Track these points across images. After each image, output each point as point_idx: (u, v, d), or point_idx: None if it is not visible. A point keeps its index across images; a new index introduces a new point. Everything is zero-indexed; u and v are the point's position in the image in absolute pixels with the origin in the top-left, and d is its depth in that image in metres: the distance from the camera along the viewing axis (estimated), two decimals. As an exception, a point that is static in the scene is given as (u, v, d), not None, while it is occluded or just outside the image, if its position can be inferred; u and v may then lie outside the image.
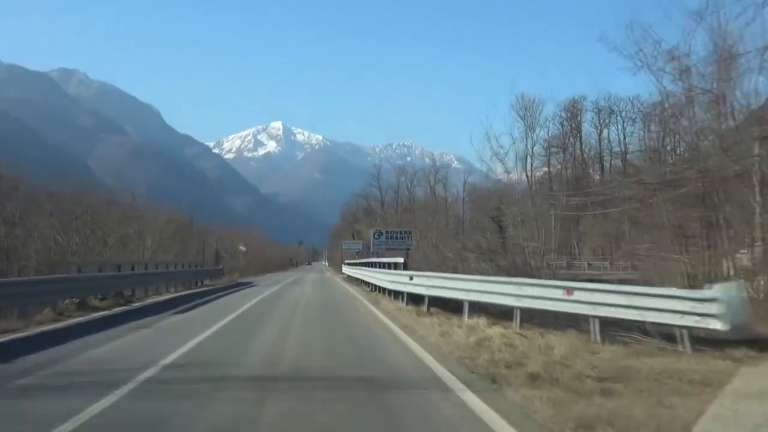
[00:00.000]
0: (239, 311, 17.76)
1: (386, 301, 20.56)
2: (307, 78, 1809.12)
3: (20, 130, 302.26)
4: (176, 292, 27.77)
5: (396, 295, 20.26)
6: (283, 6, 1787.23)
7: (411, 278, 17.13)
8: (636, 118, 78.35)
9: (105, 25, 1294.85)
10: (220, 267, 46.64)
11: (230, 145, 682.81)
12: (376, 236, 36.52)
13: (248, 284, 39.21)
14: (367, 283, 31.79)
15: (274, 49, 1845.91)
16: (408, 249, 36.14)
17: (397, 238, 36.31)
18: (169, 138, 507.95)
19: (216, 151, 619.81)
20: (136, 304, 20.03)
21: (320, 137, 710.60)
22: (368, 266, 33.33)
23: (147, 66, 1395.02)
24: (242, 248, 65.31)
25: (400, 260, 20.92)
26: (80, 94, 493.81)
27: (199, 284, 35.16)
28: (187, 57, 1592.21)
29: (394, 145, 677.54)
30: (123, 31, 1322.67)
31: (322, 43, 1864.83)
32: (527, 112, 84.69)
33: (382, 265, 26.90)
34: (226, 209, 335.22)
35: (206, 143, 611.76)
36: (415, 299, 17.37)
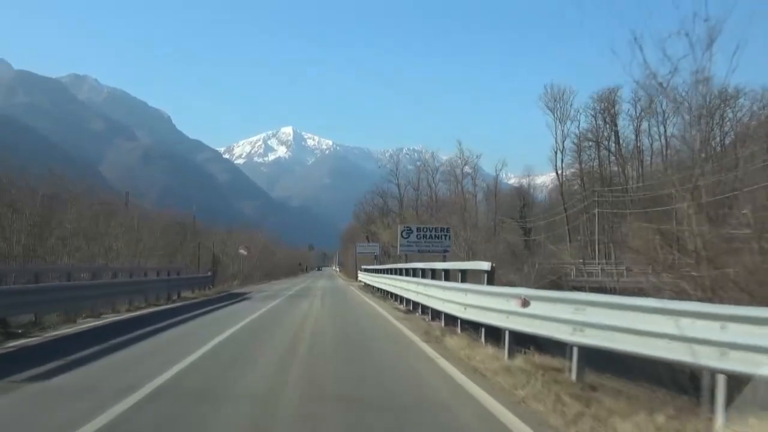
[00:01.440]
0: (181, 365, 9.20)
1: (455, 341, 11.72)
2: (318, 83, 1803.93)
3: (31, 135, 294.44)
4: (129, 311, 19.47)
5: (458, 323, 12.77)
6: (293, 12, 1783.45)
7: (525, 304, 8.33)
8: (679, 108, 70.22)
9: (116, 30, 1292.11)
10: (209, 274, 38.29)
11: (240, 150, 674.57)
12: (404, 234, 28.26)
13: (242, 296, 31.05)
14: (396, 298, 23.35)
15: (285, 55, 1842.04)
16: (446, 252, 27.75)
17: (431, 237, 28.03)
18: (179, 143, 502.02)
19: (226, 156, 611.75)
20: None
21: (330, 142, 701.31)
22: (396, 274, 24.73)
23: (157, 71, 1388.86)
24: (243, 252, 57.03)
25: (483, 265, 11.97)
26: (91, 99, 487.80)
27: (177, 296, 26.86)
28: (197, 62, 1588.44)
29: (404, 150, 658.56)
30: (133, 37, 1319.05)
31: (333, 49, 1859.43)
32: (557, 103, 76.21)
33: (422, 273, 18.38)
34: (235, 214, 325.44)
35: (217, 149, 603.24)
36: (520, 339, 8.97)
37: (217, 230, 76.42)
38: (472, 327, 11.85)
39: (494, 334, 10.25)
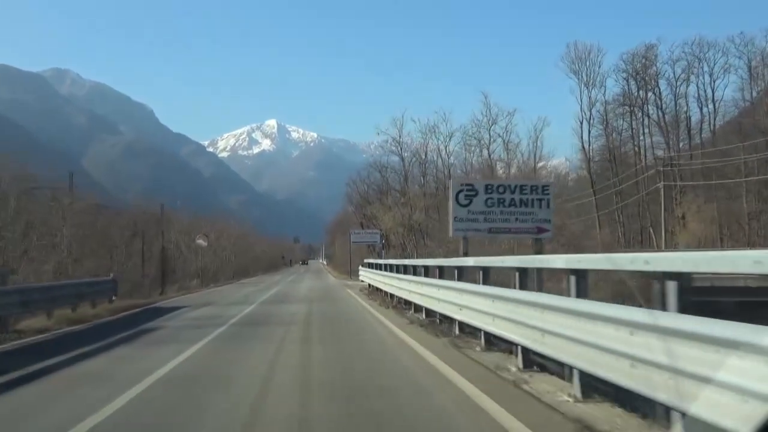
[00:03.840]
0: None
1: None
2: (302, 76, 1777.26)
3: (13, 130, 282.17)
4: None
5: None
6: (276, 4, 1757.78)
7: None
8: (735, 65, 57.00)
9: (97, 24, 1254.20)
10: (109, 279, 22.93)
11: (225, 143, 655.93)
12: (462, 200, 14.97)
13: (160, 314, 17.27)
14: (474, 333, 9.47)
15: (268, 47, 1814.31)
16: (542, 232, 14.29)
17: (514, 203, 14.59)
18: (163, 137, 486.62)
19: (210, 149, 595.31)
20: None
21: (315, 135, 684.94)
22: (456, 278, 10.92)
23: (140, 65, 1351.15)
24: (201, 242, 43.15)
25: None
26: (73, 93, 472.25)
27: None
28: (180, 56, 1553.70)
29: (389, 142, 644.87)
30: (115, 31, 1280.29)
31: (316, 41, 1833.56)
32: (582, 65, 62.63)
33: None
34: (221, 207, 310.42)
35: (200, 142, 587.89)
36: None
37: (180, 219, 62.17)
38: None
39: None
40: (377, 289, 25.12)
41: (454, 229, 16.35)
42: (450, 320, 11.89)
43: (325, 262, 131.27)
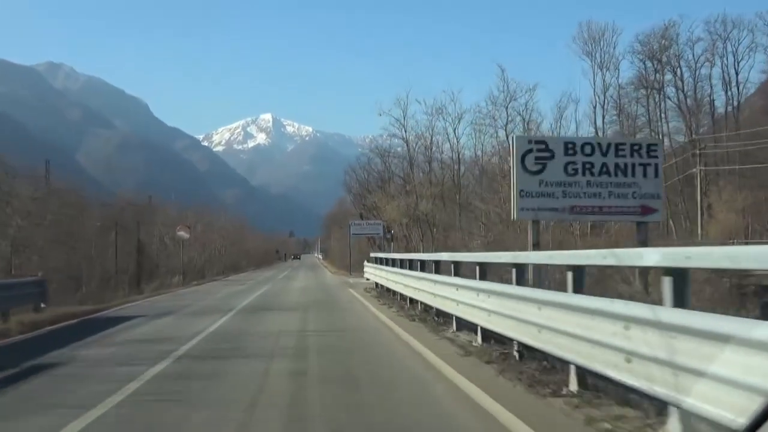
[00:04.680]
0: None
1: None
2: (297, 69, 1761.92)
3: (7, 124, 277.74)
4: None
5: None
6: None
7: None
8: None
9: (92, 18, 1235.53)
10: (32, 280, 17.21)
11: (220, 137, 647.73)
12: (531, 164, 9.68)
13: (87, 334, 12.10)
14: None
15: (263, 41, 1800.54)
16: (651, 214, 8.98)
17: (607, 170, 9.17)
18: (157, 131, 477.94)
19: (205, 143, 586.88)
20: None
21: (310, 129, 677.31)
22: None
23: (134, 59, 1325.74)
24: (183, 234, 37.63)
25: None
26: (68, 87, 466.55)
27: None
28: (174, 49, 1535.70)
29: (384, 136, 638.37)
30: (109, 24, 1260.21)
31: (311, 35, 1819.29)
32: (595, 45, 57.80)
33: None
34: (217, 202, 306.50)
35: (195, 136, 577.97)
36: None
37: (168, 211, 56.96)
38: None
39: None
40: (387, 290, 19.84)
41: (520, 209, 11.01)
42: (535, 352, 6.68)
43: (320, 257, 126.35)
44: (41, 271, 19.26)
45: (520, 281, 7.68)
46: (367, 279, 25.47)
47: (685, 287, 4.46)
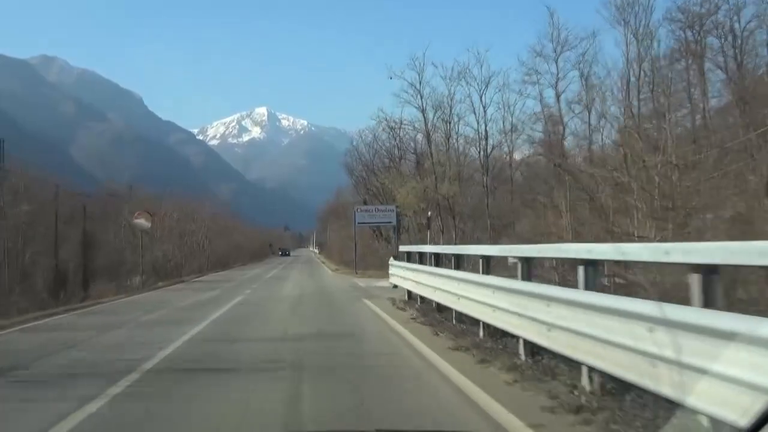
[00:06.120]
0: None
1: None
2: (291, 63, 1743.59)
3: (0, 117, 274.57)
4: None
5: None
6: None
7: None
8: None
9: (85, 11, 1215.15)
10: None
11: (214, 131, 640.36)
12: None
13: None
14: None
15: (257, 34, 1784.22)
16: None
17: None
18: (152, 125, 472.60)
19: (200, 137, 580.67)
20: None
21: (305, 122, 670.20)
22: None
23: (128, 52, 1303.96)
24: (141, 222, 29.15)
25: None
26: (61, 81, 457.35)
27: None
28: (168, 42, 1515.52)
29: (380, 129, 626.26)
30: (103, 17, 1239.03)
31: (305, 29, 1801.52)
32: (630, 12, 49.77)
33: None
34: (211, 196, 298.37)
35: (190, 130, 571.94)
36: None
37: (142, 200, 48.56)
38: None
39: None
40: (437, 307, 11.74)
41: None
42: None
43: (316, 250, 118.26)
44: None
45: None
46: (395, 286, 17.30)
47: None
